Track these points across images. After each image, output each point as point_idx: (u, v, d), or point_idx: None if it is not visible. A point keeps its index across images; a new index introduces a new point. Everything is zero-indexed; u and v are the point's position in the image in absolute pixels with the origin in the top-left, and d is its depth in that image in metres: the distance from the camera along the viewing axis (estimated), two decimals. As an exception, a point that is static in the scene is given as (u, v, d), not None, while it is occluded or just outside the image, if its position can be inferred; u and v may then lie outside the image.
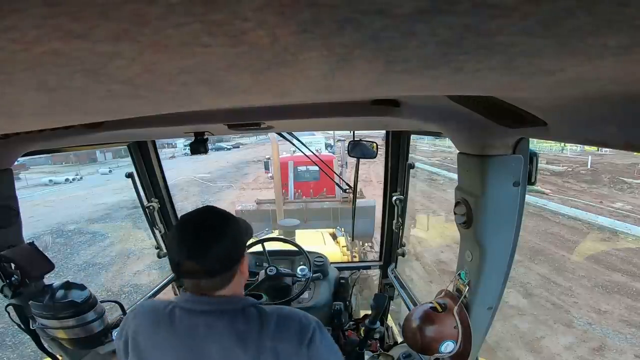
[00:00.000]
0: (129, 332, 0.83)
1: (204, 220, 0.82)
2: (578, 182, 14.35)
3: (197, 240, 0.77)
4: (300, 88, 0.31)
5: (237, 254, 0.82)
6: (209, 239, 0.77)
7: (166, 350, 0.79)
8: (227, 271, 0.81)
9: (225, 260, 0.79)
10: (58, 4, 0.13)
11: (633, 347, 5.30)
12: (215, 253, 0.77)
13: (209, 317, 0.78)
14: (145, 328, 0.82)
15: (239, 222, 0.84)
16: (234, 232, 0.81)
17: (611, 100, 0.40)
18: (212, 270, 0.78)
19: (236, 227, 0.82)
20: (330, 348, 0.85)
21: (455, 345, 0.93)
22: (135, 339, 0.82)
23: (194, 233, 0.78)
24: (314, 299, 1.91)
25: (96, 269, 8.68)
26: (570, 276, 7.42)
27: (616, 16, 0.16)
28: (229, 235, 0.79)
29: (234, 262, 0.81)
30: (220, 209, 0.86)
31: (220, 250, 0.77)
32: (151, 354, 0.80)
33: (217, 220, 0.82)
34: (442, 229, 9.80)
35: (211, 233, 0.78)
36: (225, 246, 0.78)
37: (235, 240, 0.81)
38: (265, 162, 10.39)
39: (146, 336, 0.81)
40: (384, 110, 0.93)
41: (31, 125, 0.48)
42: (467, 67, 0.24)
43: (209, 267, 0.78)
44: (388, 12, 0.15)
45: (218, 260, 0.78)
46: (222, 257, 0.78)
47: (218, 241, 0.77)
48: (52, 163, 25.63)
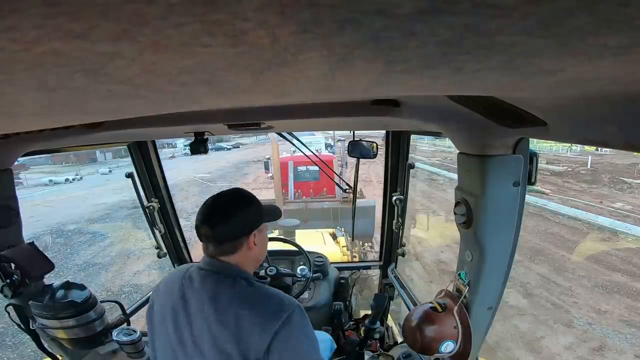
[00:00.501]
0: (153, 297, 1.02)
1: (226, 196, 0.97)
2: (578, 182, 14.35)
3: (213, 210, 0.93)
4: (300, 88, 0.31)
5: (243, 228, 0.94)
6: (222, 211, 0.93)
7: (169, 299, 0.95)
8: (233, 241, 0.93)
9: (232, 231, 0.93)
10: (58, 4, 0.13)
11: (633, 347, 5.30)
12: (224, 222, 0.92)
13: (206, 275, 0.92)
14: (164, 287, 1.00)
15: (256, 205, 0.98)
16: (247, 210, 0.95)
17: (611, 100, 0.40)
18: (219, 237, 0.93)
19: (250, 207, 0.96)
20: (306, 334, 0.87)
21: (455, 345, 0.93)
22: (154, 299, 1.00)
23: (213, 204, 0.95)
24: (314, 299, 1.91)
25: (96, 269, 8.68)
26: (570, 276, 7.42)
27: (616, 16, 0.16)
28: (241, 212, 0.94)
29: (240, 235, 0.94)
30: (247, 192, 1.00)
31: (230, 221, 0.92)
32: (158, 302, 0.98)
33: (235, 198, 0.97)
34: (442, 229, 9.80)
35: (226, 207, 0.94)
36: (234, 219, 0.92)
37: (246, 217, 0.95)
38: (265, 162, 10.39)
39: (162, 293, 0.99)
40: (384, 110, 0.93)
41: (31, 125, 0.48)
42: (467, 67, 0.24)
43: (216, 233, 0.92)
44: (388, 12, 0.15)
45: (225, 229, 0.92)
46: (230, 227, 0.92)
47: (229, 214, 0.92)
48: (52, 163, 25.63)
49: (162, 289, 1.01)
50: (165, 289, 0.99)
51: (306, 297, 1.91)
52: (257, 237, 0.97)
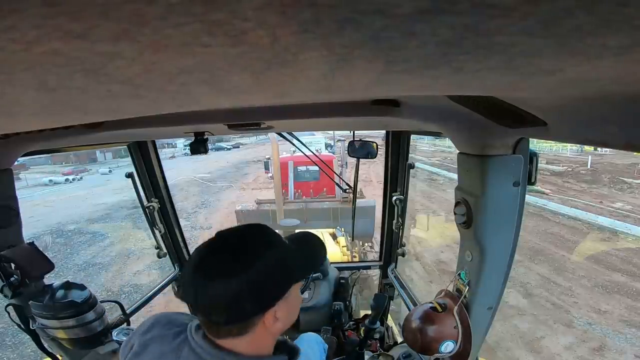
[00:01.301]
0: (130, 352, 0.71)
1: (224, 244, 0.63)
2: (578, 182, 14.35)
3: (198, 269, 0.60)
4: (301, 88, 0.31)
5: (252, 303, 0.60)
6: (211, 272, 0.59)
7: None
8: (234, 322, 0.62)
9: (229, 309, 0.60)
10: (58, 4, 0.13)
11: (633, 347, 5.30)
12: (212, 294, 0.58)
13: None
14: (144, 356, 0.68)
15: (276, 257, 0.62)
16: (256, 270, 0.59)
17: (611, 100, 0.40)
18: (210, 316, 0.62)
19: (265, 264, 0.60)
20: None
21: (455, 345, 0.93)
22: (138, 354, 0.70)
23: (201, 259, 0.61)
24: (314, 299, 1.91)
25: (96, 269, 8.69)
26: (570, 276, 7.43)
27: (616, 16, 0.16)
28: (243, 274, 0.58)
29: (245, 314, 0.61)
30: (265, 232, 0.66)
31: (221, 293, 0.58)
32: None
33: (240, 247, 0.61)
34: (442, 229, 9.80)
35: (217, 265, 0.59)
36: (230, 288, 0.58)
37: (255, 283, 0.59)
38: (265, 162, 10.40)
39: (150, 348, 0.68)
40: (384, 110, 0.93)
41: (31, 125, 0.48)
42: (467, 67, 0.24)
43: (204, 311, 0.62)
44: (388, 12, 0.15)
45: (216, 305, 0.59)
46: (223, 303, 0.59)
47: (223, 279, 0.58)
48: (52, 163, 25.64)
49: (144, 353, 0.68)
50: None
51: (306, 297, 1.91)
52: (280, 310, 0.64)
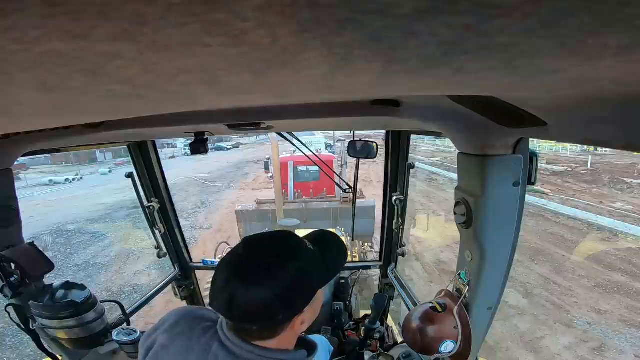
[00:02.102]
0: (156, 343, 0.72)
1: (253, 255, 0.64)
2: (578, 182, 14.35)
3: (230, 280, 0.61)
4: (301, 88, 0.31)
5: (283, 311, 0.63)
6: (243, 284, 0.60)
7: None
8: (269, 327, 0.66)
9: (261, 317, 0.63)
10: (58, 4, 0.13)
11: (633, 347, 5.30)
12: (244, 305, 0.60)
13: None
14: (173, 348, 0.69)
15: (303, 266, 0.63)
16: (286, 281, 0.61)
17: (611, 100, 0.40)
18: (241, 324, 0.66)
19: (295, 275, 0.62)
20: None
21: (455, 345, 0.93)
22: (159, 353, 0.70)
23: (231, 270, 0.63)
24: None
25: (96, 269, 8.69)
26: (570, 276, 7.43)
27: (616, 16, 0.16)
28: (275, 286, 0.60)
29: (276, 321, 0.65)
30: (292, 241, 0.67)
31: (254, 304, 0.60)
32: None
33: (269, 258, 0.63)
34: (442, 229, 9.80)
35: (249, 277, 0.61)
36: (262, 299, 0.60)
37: (284, 293, 0.61)
38: (266, 162, 10.41)
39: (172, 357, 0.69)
40: (384, 110, 0.93)
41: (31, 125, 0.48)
42: (467, 67, 0.24)
43: (237, 319, 0.64)
44: (388, 12, 0.15)
45: (248, 314, 0.62)
46: (255, 313, 0.62)
47: (255, 290, 0.60)
48: (52, 163, 25.65)
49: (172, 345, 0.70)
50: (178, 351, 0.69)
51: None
52: (307, 314, 0.68)
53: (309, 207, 7.96)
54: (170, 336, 0.71)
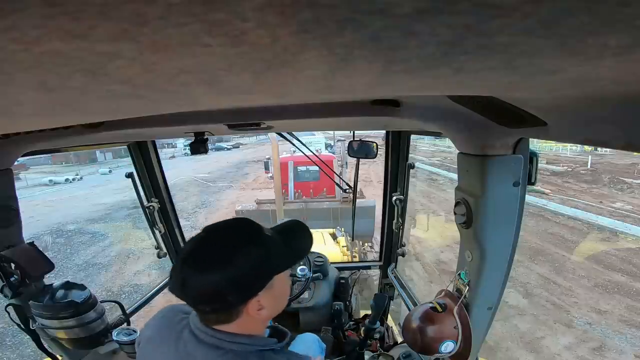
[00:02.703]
0: (143, 336, 0.80)
1: (208, 240, 0.68)
2: (578, 182, 14.35)
3: (185, 264, 0.65)
4: (301, 88, 0.31)
5: (234, 295, 0.65)
6: (195, 267, 0.64)
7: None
8: (219, 311, 0.68)
9: (212, 300, 0.65)
10: (58, 4, 0.13)
11: (633, 347, 5.30)
12: (196, 287, 0.63)
13: (209, 350, 0.68)
14: (157, 339, 0.76)
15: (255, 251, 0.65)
16: (236, 265, 0.63)
17: (611, 100, 0.40)
18: (196, 306, 0.69)
19: (245, 259, 0.64)
20: None
21: (455, 345, 0.93)
22: (146, 345, 0.78)
23: (187, 255, 0.66)
24: (314, 299, 1.91)
25: (96, 269, 8.68)
26: (570, 276, 7.42)
27: (616, 16, 0.16)
28: (224, 270, 0.63)
29: (228, 304, 0.66)
30: (246, 227, 0.69)
31: (204, 286, 0.63)
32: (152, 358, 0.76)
33: (221, 244, 0.66)
34: (442, 229, 9.80)
35: (201, 261, 0.64)
36: (212, 282, 0.63)
37: (235, 277, 0.63)
38: (266, 162, 10.40)
39: (154, 348, 0.76)
40: (384, 110, 0.93)
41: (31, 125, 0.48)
42: (467, 67, 0.24)
43: (191, 301, 0.67)
44: (388, 12, 0.15)
45: (200, 297, 0.65)
46: (206, 295, 0.64)
47: (206, 274, 0.63)
48: (52, 163, 25.66)
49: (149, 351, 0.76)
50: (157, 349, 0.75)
51: (306, 297, 1.91)
52: (264, 299, 0.68)
53: (309, 207, 7.96)
54: (152, 329, 0.78)
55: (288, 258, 0.73)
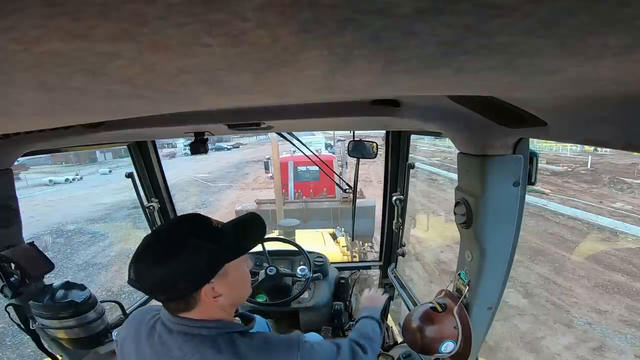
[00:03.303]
0: (119, 337, 0.85)
1: (157, 237, 0.73)
2: (578, 182, 14.34)
3: (138, 259, 0.70)
4: (301, 88, 0.31)
5: (184, 284, 0.70)
6: (147, 262, 0.69)
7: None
8: (175, 299, 0.73)
9: (166, 290, 0.71)
10: (58, 4, 0.13)
11: (633, 347, 5.30)
12: (149, 280, 0.69)
13: (180, 337, 0.73)
14: (131, 337, 0.81)
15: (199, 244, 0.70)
16: (181, 258, 0.68)
17: (611, 100, 0.40)
18: (154, 296, 0.74)
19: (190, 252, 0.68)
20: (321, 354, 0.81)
21: (455, 345, 0.93)
22: (123, 345, 0.82)
23: (140, 251, 0.71)
24: (314, 299, 1.91)
25: (96, 269, 8.68)
26: (570, 276, 7.42)
27: (616, 16, 0.16)
28: (171, 263, 0.67)
29: (181, 293, 0.71)
30: (191, 223, 0.73)
31: (155, 279, 0.68)
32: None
33: (167, 240, 0.71)
34: (442, 229, 9.80)
35: (151, 256, 0.69)
36: (161, 275, 0.68)
37: (182, 268, 0.68)
38: (266, 162, 10.40)
39: (130, 345, 0.80)
40: (384, 110, 0.93)
41: (31, 125, 0.48)
42: (467, 67, 0.24)
43: (148, 292, 0.73)
44: (388, 12, 0.15)
45: (154, 288, 0.71)
46: (159, 286, 0.70)
47: (155, 267, 0.68)
48: (52, 163, 25.66)
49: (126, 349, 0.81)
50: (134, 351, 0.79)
51: (306, 297, 1.91)
52: (218, 286, 0.73)
53: (309, 207, 7.96)
54: (126, 330, 0.84)
55: (237, 247, 0.77)
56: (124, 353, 0.82)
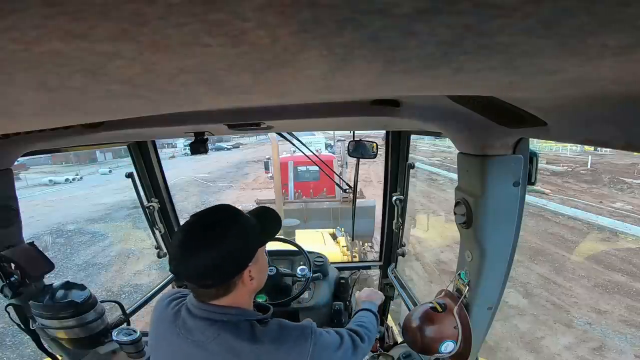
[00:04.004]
0: (150, 322, 0.90)
1: (200, 223, 0.76)
2: (578, 182, 14.35)
3: (184, 246, 0.74)
4: (301, 88, 0.31)
5: (231, 267, 0.76)
6: (194, 247, 0.73)
7: (167, 347, 0.82)
8: (220, 284, 0.77)
9: (214, 273, 0.75)
10: (58, 4, 0.13)
11: (633, 347, 5.30)
12: (198, 264, 0.72)
13: (203, 322, 0.77)
14: (156, 321, 0.87)
15: (242, 228, 0.76)
16: (229, 241, 0.73)
17: (611, 100, 0.40)
18: (199, 282, 0.77)
19: (235, 235, 0.74)
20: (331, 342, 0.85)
21: (455, 345, 0.93)
22: (150, 328, 0.88)
23: (184, 238, 0.75)
24: (314, 299, 1.90)
25: (97, 269, 8.68)
26: (570, 276, 7.42)
27: (616, 16, 0.16)
28: (221, 245, 0.72)
29: (227, 275, 0.77)
30: (230, 210, 0.79)
31: (206, 262, 0.72)
32: (157, 346, 0.85)
33: (213, 225, 0.75)
34: (442, 229, 9.80)
35: (198, 241, 0.73)
36: (212, 257, 0.72)
37: (230, 251, 0.74)
38: (266, 162, 10.40)
39: (155, 329, 0.87)
40: (384, 110, 0.93)
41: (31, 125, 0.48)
42: (467, 67, 0.24)
43: (194, 278, 0.76)
44: (388, 12, 0.15)
45: (203, 272, 0.74)
46: (209, 269, 0.73)
47: (205, 251, 0.72)
48: (52, 163, 25.66)
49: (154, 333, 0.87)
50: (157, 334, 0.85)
51: (306, 297, 1.91)
52: (253, 269, 0.80)
53: (309, 207, 7.95)
54: (155, 313, 0.88)
55: (266, 234, 0.85)
56: (152, 336, 0.87)
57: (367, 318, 1.10)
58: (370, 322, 1.07)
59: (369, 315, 1.13)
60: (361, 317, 1.10)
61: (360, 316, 1.12)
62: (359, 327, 0.98)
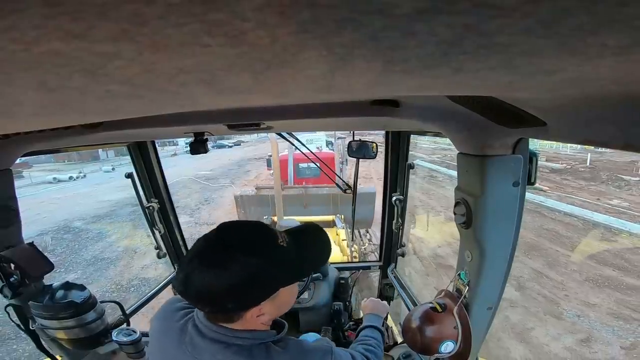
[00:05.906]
0: (150, 330, 0.82)
1: (216, 240, 0.66)
2: (576, 180, 14.37)
3: (190, 263, 0.64)
4: (300, 88, 0.31)
5: (234, 304, 0.67)
6: (199, 266, 0.63)
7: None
8: (220, 313, 0.70)
9: (214, 305, 0.67)
10: (58, 4, 0.13)
11: (619, 339, 5.34)
12: (196, 287, 0.63)
13: (214, 345, 0.70)
14: (159, 333, 0.79)
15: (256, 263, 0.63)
16: (232, 273, 0.62)
17: (611, 100, 0.40)
18: (198, 306, 0.71)
19: (243, 268, 0.62)
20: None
21: (455, 345, 0.93)
22: (152, 339, 0.81)
23: (194, 254, 0.65)
24: (314, 299, 1.91)
25: (105, 264, 8.70)
26: (562, 270, 7.46)
27: (616, 16, 0.16)
28: (221, 274, 0.62)
29: (229, 310, 0.68)
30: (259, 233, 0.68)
31: (204, 287, 0.62)
32: (160, 356, 0.78)
33: (225, 246, 0.64)
34: (440, 225, 9.85)
35: (203, 261, 0.63)
36: (211, 285, 0.62)
37: (236, 288, 0.62)
38: (268, 160, 10.39)
39: (158, 341, 0.79)
40: (384, 111, 0.93)
41: (31, 125, 0.48)
42: (466, 67, 0.24)
43: (193, 300, 0.68)
44: (388, 12, 0.15)
45: (204, 300, 0.66)
46: (207, 297, 0.65)
47: (205, 274, 0.62)
48: (54, 161, 25.66)
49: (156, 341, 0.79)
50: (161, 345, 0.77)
51: (306, 297, 1.91)
52: (266, 307, 0.70)
53: (309, 192, 7.79)
54: (158, 322, 0.80)
55: (298, 272, 0.73)
56: (152, 349, 0.80)
57: (375, 340, 1.04)
58: (378, 345, 1.03)
59: (376, 334, 1.07)
60: (368, 339, 1.04)
61: (367, 337, 1.06)
62: (369, 353, 0.93)
